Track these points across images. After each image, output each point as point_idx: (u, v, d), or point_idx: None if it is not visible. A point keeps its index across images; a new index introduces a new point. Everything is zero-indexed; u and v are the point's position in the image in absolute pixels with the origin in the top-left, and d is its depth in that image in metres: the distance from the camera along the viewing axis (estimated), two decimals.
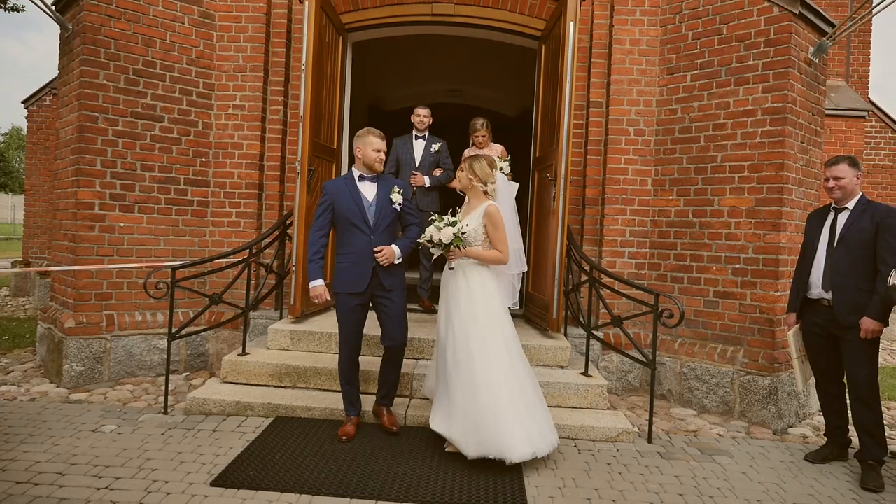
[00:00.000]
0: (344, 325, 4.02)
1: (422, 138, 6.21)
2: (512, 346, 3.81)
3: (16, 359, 5.92)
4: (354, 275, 3.94)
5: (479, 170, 3.91)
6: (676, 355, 5.32)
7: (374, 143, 4.01)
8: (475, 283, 3.85)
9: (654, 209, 5.58)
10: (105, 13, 5.15)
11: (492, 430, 3.59)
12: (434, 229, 3.79)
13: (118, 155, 5.27)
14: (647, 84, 5.60)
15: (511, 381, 3.70)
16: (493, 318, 3.79)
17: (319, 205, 4.01)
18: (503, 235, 3.83)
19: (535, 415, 3.72)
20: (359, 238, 3.94)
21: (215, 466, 3.57)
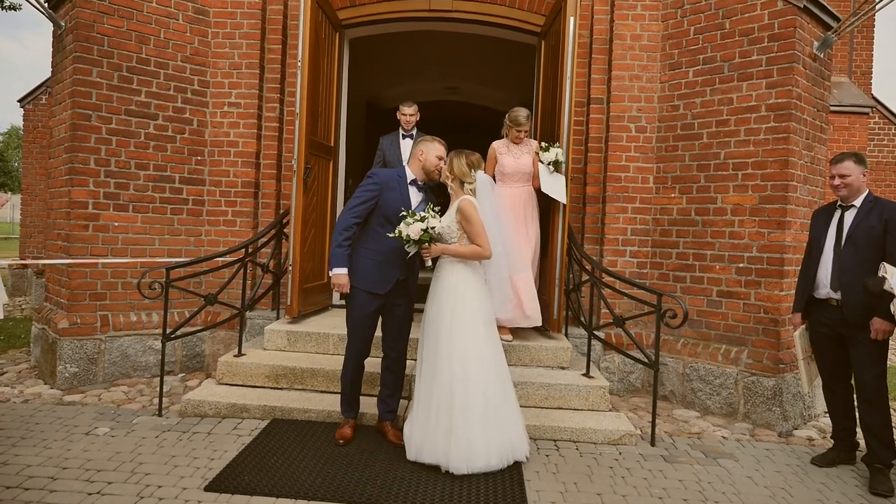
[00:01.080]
0: (359, 325, 3.87)
1: (409, 137, 6.00)
2: (486, 353, 3.66)
3: (10, 359, 5.85)
4: (380, 274, 3.81)
5: (456, 167, 3.80)
6: (679, 356, 5.24)
7: (439, 150, 3.89)
8: (448, 282, 3.73)
9: (655, 207, 5.50)
10: (98, 10, 5.07)
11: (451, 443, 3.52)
12: (404, 225, 3.64)
13: (112, 153, 5.19)
14: (648, 80, 5.52)
15: (476, 391, 3.58)
16: (467, 319, 3.65)
17: (364, 190, 3.79)
18: (479, 230, 3.68)
19: (501, 430, 3.62)
20: (393, 239, 3.72)
21: (209, 471, 3.50)
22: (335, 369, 4.59)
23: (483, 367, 3.63)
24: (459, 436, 3.51)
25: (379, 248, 3.81)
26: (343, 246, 3.76)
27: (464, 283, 3.73)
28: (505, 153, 5.08)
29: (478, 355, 3.63)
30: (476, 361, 3.61)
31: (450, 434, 3.52)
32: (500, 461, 3.58)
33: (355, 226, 3.79)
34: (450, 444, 3.51)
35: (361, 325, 3.88)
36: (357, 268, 3.82)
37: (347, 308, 3.92)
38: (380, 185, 3.82)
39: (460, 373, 3.57)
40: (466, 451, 3.50)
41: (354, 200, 3.81)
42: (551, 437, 4.19)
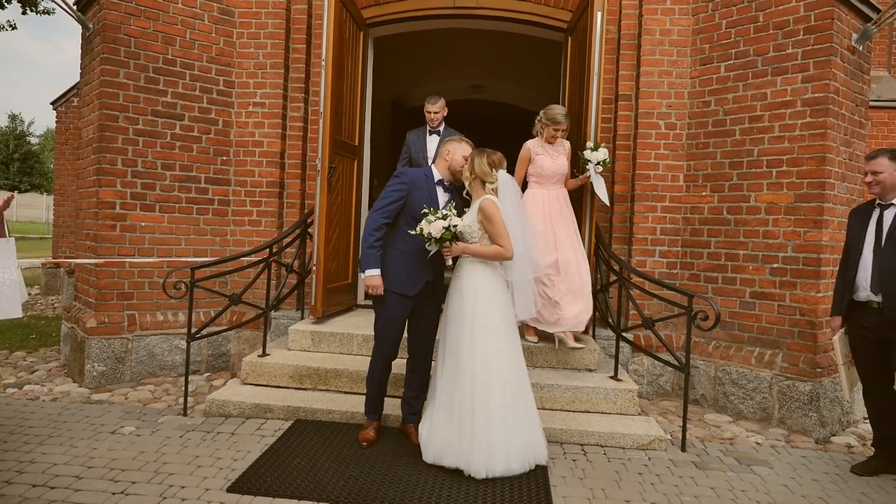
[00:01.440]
0: (388, 327, 3.81)
1: (436, 133, 5.82)
2: (505, 355, 3.58)
3: (41, 358, 5.93)
4: (410, 276, 3.76)
5: (477, 167, 3.70)
6: (710, 358, 5.10)
7: (465, 150, 3.82)
8: (468, 283, 3.65)
9: (686, 206, 5.37)
10: (125, 11, 5.10)
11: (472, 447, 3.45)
12: (425, 223, 3.58)
13: (139, 154, 5.22)
14: (678, 76, 5.38)
15: (496, 393, 3.50)
16: (481, 323, 3.57)
17: (393, 190, 3.74)
18: (501, 230, 3.59)
19: (520, 434, 3.55)
20: (422, 241, 3.67)
21: (232, 472, 3.48)
22: (359, 370, 4.56)
23: (502, 369, 3.55)
24: (480, 439, 3.44)
25: (408, 249, 3.76)
26: (375, 247, 3.71)
27: (484, 284, 3.65)
28: (542, 153, 4.86)
29: (497, 357, 3.55)
30: (495, 364, 3.54)
31: (472, 437, 3.45)
32: (521, 465, 3.51)
33: (385, 226, 3.74)
34: (472, 447, 3.45)
35: (391, 328, 3.83)
36: (387, 269, 3.77)
37: (376, 310, 3.87)
38: (408, 184, 3.77)
39: (481, 375, 3.50)
40: (487, 454, 3.43)
41: (383, 200, 3.76)
42: (578, 442, 4.09)
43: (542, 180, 4.87)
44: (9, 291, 3.32)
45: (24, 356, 5.95)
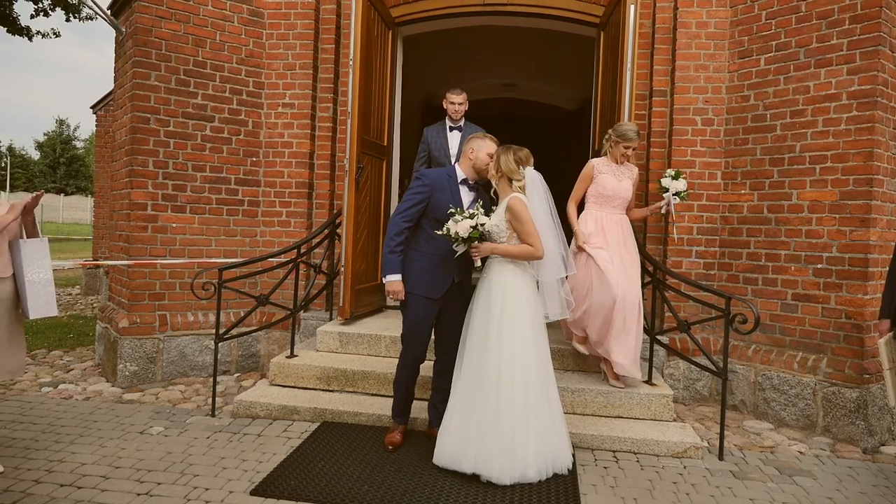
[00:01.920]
0: (415, 331, 3.75)
1: (457, 129, 5.42)
2: (531, 358, 3.48)
3: (77, 357, 6.04)
4: (435, 278, 3.69)
5: (503, 164, 3.59)
6: (750, 363, 4.91)
7: (490, 147, 3.72)
8: (496, 285, 3.54)
9: (724, 205, 5.18)
10: (156, 14, 5.15)
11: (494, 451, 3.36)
12: (452, 223, 3.49)
13: (170, 155, 5.27)
14: (715, 70, 5.20)
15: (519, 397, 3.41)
16: (509, 324, 3.47)
17: (414, 192, 3.68)
18: (530, 228, 3.48)
19: (543, 440, 3.45)
20: (447, 241, 3.59)
21: (257, 474, 3.46)
22: (386, 372, 4.51)
23: (528, 371, 3.46)
24: (504, 444, 3.35)
25: (432, 251, 3.69)
26: (395, 252, 3.66)
27: (512, 285, 3.56)
28: (606, 172, 4.44)
29: (523, 359, 3.46)
30: (521, 366, 3.44)
31: (493, 441, 3.36)
32: (537, 473, 3.40)
33: (407, 230, 3.69)
34: (494, 452, 3.35)
35: (418, 331, 3.76)
36: (411, 272, 3.71)
37: (403, 314, 3.81)
38: (430, 186, 3.70)
39: (507, 377, 3.41)
40: (510, 459, 3.34)
41: (404, 204, 3.70)
42: (610, 448, 3.97)
43: (601, 202, 4.45)
44: (43, 290, 3.35)
45: (61, 355, 6.06)
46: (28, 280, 3.30)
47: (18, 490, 3.19)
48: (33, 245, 3.37)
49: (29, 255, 3.33)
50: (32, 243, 3.38)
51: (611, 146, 4.45)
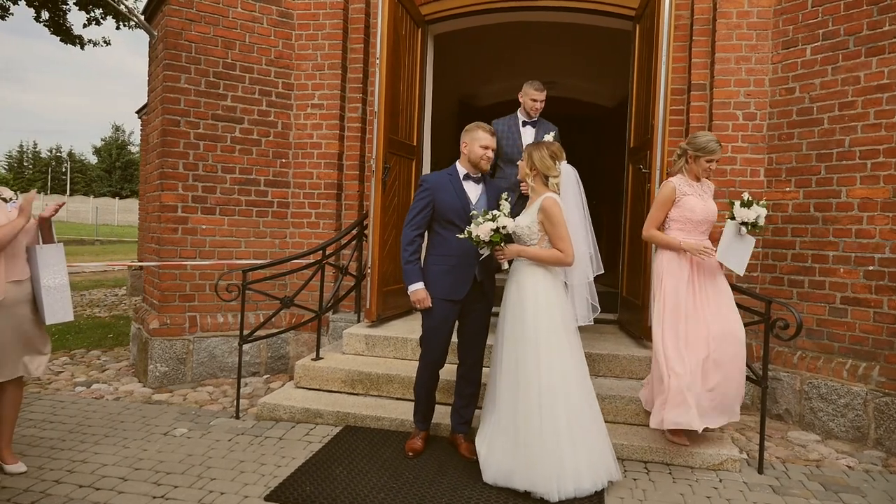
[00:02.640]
0: (435, 334, 3.65)
1: (531, 125, 4.97)
2: (569, 365, 3.33)
3: (114, 357, 6.14)
4: (453, 280, 3.59)
5: (538, 161, 3.44)
6: (795, 370, 4.63)
7: (482, 138, 3.62)
8: (528, 288, 3.39)
9: (767, 203, 4.85)
10: (185, 17, 5.19)
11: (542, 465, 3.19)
12: (473, 225, 3.36)
13: (200, 158, 5.30)
14: (757, 61, 4.94)
15: (562, 406, 3.25)
16: (545, 332, 3.31)
17: (418, 199, 3.63)
18: (563, 232, 3.34)
19: (590, 449, 3.28)
20: (461, 241, 3.49)
21: (274, 479, 3.41)
22: (411, 376, 4.39)
23: (567, 379, 3.30)
24: (553, 459, 3.19)
25: (448, 253, 3.60)
26: (411, 261, 3.60)
27: (545, 289, 3.41)
28: (690, 193, 3.83)
29: (561, 367, 3.30)
30: (559, 375, 3.29)
31: (542, 455, 3.20)
32: (592, 483, 3.23)
33: (418, 237, 3.63)
34: (541, 466, 3.19)
35: (438, 335, 3.66)
36: (429, 277, 3.62)
37: (423, 317, 3.71)
38: (430, 189, 3.62)
39: (547, 387, 3.26)
40: (558, 472, 3.18)
41: (410, 213, 3.66)
42: (641, 459, 3.78)
43: (688, 228, 3.81)
44: (59, 296, 3.36)
45: (98, 355, 6.18)
46: (44, 286, 3.31)
47: (38, 490, 3.21)
48: (49, 251, 3.38)
49: (45, 260, 3.34)
50: (48, 249, 3.38)
51: (688, 161, 3.85)
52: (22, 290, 3.29)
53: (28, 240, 3.37)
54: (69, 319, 3.44)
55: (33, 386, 5.03)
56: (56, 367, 5.62)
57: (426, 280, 3.60)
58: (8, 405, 3.43)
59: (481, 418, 3.66)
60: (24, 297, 3.31)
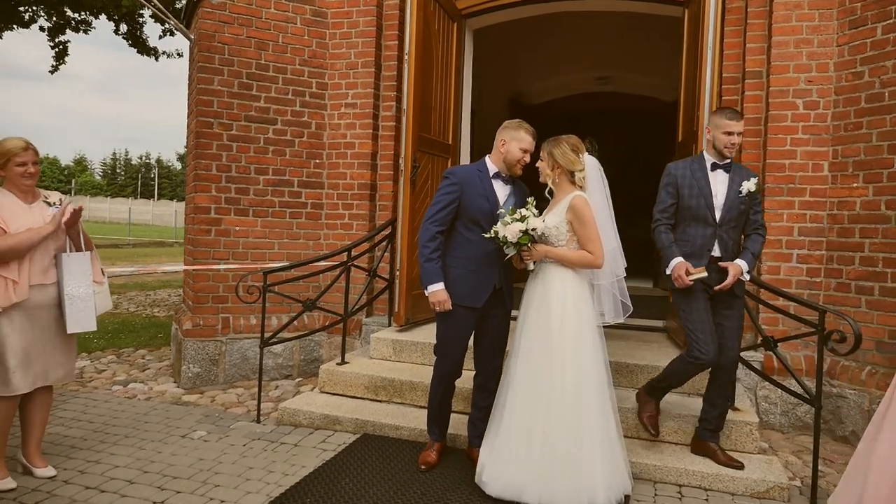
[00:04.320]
0: (450, 343, 3.44)
1: (723, 169, 3.53)
2: (594, 374, 3.08)
3: (158, 357, 6.24)
4: (472, 285, 3.37)
5: (560, 156, 3.19)
6: (864, 387, 4.14)
7: (524, 140, 3.34)
8: (555, 291, 3.15)
9: (832, 200, 4.43)
10: (219, 19, 5.20)
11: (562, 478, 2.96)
12: (500, 225, 3.15)
13: (233, 159, 5.30)
14: (820, 44, 4.46)
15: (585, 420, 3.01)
16: (571, 338, 3.08)
17: (443, 193, 3.36)
18: (593, 232, 3.10)
19: (611, 461, 3.05)
20: (484, 243, 3.30)
21: (278, 487, 3.29)
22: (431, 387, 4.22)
23: (591, 387, 3.08)
24: (573, 473, 2.96)
25: (469, 256, 3.37)
26: (432, 259, 3.34)
27: (573, 293, 3.17)
28: None
29: (586, 375, 3.07)
30: (584, 382, 3.06)
31: (562, 470, 2.97)
32: (606, 500, 2.97)
33: (440, 234, 3.37)
34: (560, 482, 2.96)
35: (454, 344, 3.44)
36: (447, 280, 3.38)
37: (438, 324, 3.49)
38: (459, 184, 3.36)
39: (572, 396, 3.03)
40: (576, 489, 2.94)
41: (434, 207, 3.39)
42: (675, 482, 3.44)
43: None
44: (82, 305, 3.31)
45: (144, 354, 6.30)
46: (67, 294, 3.27)
47: (45, 490, 3.22)
48: (75, 259, 3.34)
49: (70, 268, 3.30)
50: (74, 257, 3.34)
51: None
52: (46, 295, 3.27)
53: (57, 246, 3.33)
54: (92, 329, 3.38)
55: (73, 384, 5.15)
56: (100, 366, 5.76)
57: (446, 284, 3.37)
58: (37, 410, 3.41)
59: (488, 425, 3.40)
60: (49, 302, 3.28)
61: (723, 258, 3.47)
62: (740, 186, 3.48)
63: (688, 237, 3.51)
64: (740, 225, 3.55)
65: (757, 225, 3.58)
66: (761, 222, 3.60)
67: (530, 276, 3.33)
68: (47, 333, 3.31)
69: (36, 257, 3.25)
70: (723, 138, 3.46)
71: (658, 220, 3.57)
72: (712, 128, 3.50)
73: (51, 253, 3.33)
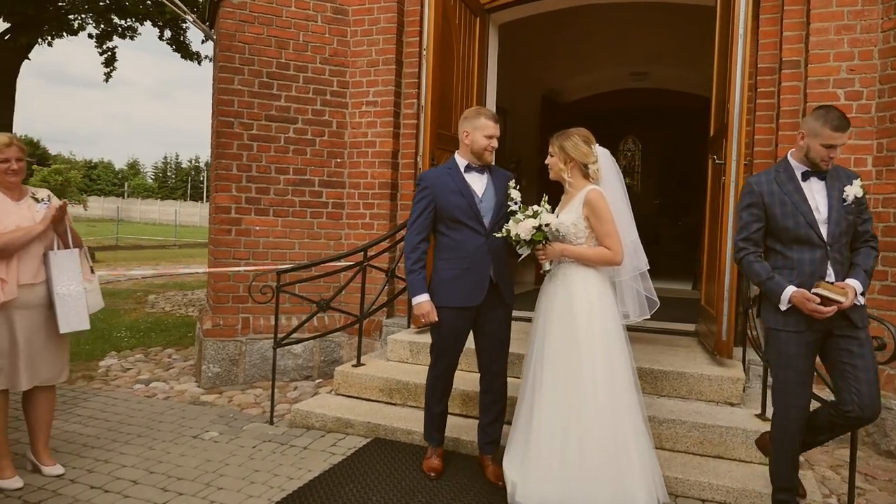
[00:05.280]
0: (446, 346, 3.34)
1: (817, 177, 2.93)
2: (624, 378, 2.92)
3: (184, 356, 6.28)
4: (466, 285, 3.25)
5: (572, 149, 3.04)
6: None
7: (486, 127, 3.25)
8: (579, 291, 2.98)
9: (876, 197, 4.12)
10: (239, 19, 5.19)
11: (610, 487, 2.79)
12: (512, 223, 3.01)
13: (253, 159, 5.28)
14: (863, 30, 4.17)
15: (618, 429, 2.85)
16: (600, 341, 2.91)
17: (417, 201, 3.31)
18: (610, 227, 2.94)
19: (650, 470, 2.88)
20: (471, 239, 3.23)
21: (281, 492, 3.22)
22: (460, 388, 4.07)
23: (624, 392, 2.93)
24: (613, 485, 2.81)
25: (459, 255, 3.26)
26: (415, 270, 3.27)
27: (598, 293, 3.01)
28: None
29: (618, 380, 2.92)
30: (619, 388, 2.92)
31: (601, 483, 2.81)
32: None
33: (423, 242, 3.29)
34: (599, 494, 2.80)
35: (449, 347, 3.35)
36: (439, 283, 3.29)
37: (432, 329, 3.39)
38: (429, 187, 3.28)
39: (606, 402, 2.87)
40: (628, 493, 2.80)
41: (411, 217, 3.33)
42: (698, 496, 3.23)
43: None
44: (73, 304, 3.25)
45: (171, 354, 6.34)
46: (57, 293, 3.21)
47: (50, 489, 3.22)
48: (64, 257, 3.28)
49: (59, 266, 3.24)
50: (63, 255, 3.29)
51: None
52: (35, 295, 3.24)
53: (45, 244, 3.29)
54: (85, 328, 3.31)
55: (97, 382, 5.21)
56: (127, 364, 5.82)
57: (436, 287, 3.29)
58: (39, 409, 3.40)
59: (510, 438, 3.26)
60: (38, 302, 3.25)
61: None
62: (843, 193, 2.86)
63: (791, 264, 2.87)
64: (849, 240, 2.94)
65: (867, 236, 2.96)
66: (872, 233, 2.98)
67: (547, 277, 3.18)
68: (37, 334, 3.26)
69: (24, 256, 3.20)
70: (820, 151, 2.82)
71: (743, 248, 2.97)
72: (808, 134, 2.86)
73: (39, 252, 3.26)
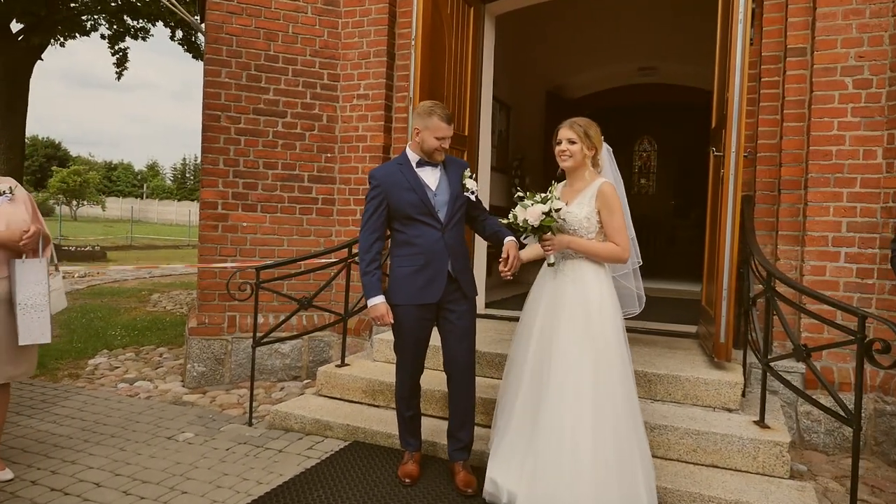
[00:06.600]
0: (408, 344, 3.20)
1: None
2: (630, 378, 2.83)
3: (175, 355, 6.16)
4: (424, 281, 3.11)
5: (596, 137, 2.93)
6: None
7: (438, 128, 3.07)
8: (593, 290, 2.84)
9: (886, 192, 3.89)
10: (226, 10, 5.07)
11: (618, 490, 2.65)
12: (520, 209, 2.86)
13: (240, 153, 5.15)
14: (873, 14, 3.94)
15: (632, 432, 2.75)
16: (614, 341, 2.80)
17: (369, 199, 3.16)
18: (620, 223, 2.82)
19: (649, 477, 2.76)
20: (427, 234, 3.10)
21: (247, 496, 3.08)
22: (436, 389, 3.95)
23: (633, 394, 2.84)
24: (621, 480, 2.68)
25: (415, 251, 3.13)
26: (369, 272, 3.13)
27: (609, 291, 2.89)
28: None
29: (629, 381, 2.82)
30: (631, 389, 2.81)
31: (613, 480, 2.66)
32: None
33: (378, 242, 3.15)
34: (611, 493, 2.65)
35: (413, 346, 3.22)
36: (395, 280, 3.17)
37: (394, 329, 3.24)
38: (380, 185, 3.14)
39: (624, 407, 2.75)
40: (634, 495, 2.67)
41: (364, 216, 3.19)
42: None
43: None
44: (36, 315, 3.11)
45: (162, 353, 6.23)
46: (19, 303, 3.07)
47: (8, 491, 3.10)
48: (28, 266, 3.13)
49: (24, 276, 3.10)
50: (29, 265, 3.13)
51: None
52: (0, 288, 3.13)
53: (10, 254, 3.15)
54: (46, 341, 3.16)
55: (82, 380, 5.12)
56: (115, 363, 5.73)
57: (394, 285, 3.16)
58: None
59: (495, 444, 3.06)
60: (3, 296, 3.14)
61: None
62: None
63: None
64: None
65: None
66: None
67: (550, 272, 2.99)
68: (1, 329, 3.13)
69: None
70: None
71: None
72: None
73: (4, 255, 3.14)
